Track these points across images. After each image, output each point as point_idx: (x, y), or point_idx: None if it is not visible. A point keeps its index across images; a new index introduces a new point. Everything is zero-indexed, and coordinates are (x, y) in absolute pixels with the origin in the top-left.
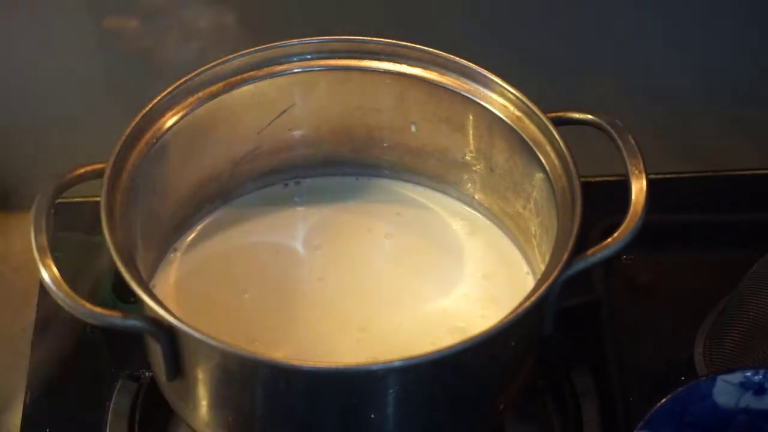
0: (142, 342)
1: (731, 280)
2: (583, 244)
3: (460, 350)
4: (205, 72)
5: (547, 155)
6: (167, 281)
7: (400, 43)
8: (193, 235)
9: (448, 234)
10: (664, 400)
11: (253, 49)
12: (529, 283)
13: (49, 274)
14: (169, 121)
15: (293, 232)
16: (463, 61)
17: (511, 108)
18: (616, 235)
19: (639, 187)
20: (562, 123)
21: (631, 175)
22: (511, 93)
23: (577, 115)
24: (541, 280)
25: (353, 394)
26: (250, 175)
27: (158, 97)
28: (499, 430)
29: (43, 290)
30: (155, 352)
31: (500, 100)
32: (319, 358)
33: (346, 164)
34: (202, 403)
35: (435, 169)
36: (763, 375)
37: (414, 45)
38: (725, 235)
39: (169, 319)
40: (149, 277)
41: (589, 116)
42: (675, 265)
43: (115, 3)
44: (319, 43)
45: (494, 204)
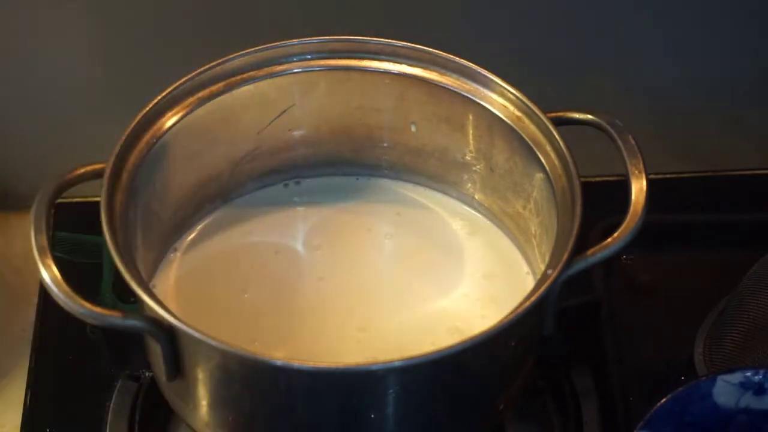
0: (142, 342)
1: (731, 280)
2: (583, 244)
3: (460, 350)
4: (205, 72)
5: (547, 155)
6: (167, 281)
7: (400, 43)
8: (193, 235)
9: (448, 234)
10: (664, 400)
11: (253, 49)
12: (529, 283)
13: (49, 274)
14: (169, 121)
15: (293, 232)
16: (463, 61)
17: (511, 108)
18: (616, 235)
19: (639, 187)
20: (562, 123)
21: (631, 175)
22: (511, 93)
23: (577, 115)
24: (541, 280)
25: (353, 394)
26: (250, 175)
27: (158, 97)
28: (499, 430)
29: (43, 290)
30: (155, 352)
31: (500, 100)
32: (319, 358)
33: (346, 164)
34: (202, 403)
35: (435, 169)
36: (763, 375)
37: (414, 45)
38: (725, 235)
39: (169, 319)
40: (149, 277)
41: (589, 116)
42: (675, 265)
43: (116, 3)
44: (319, 43)
45: (494, 204)
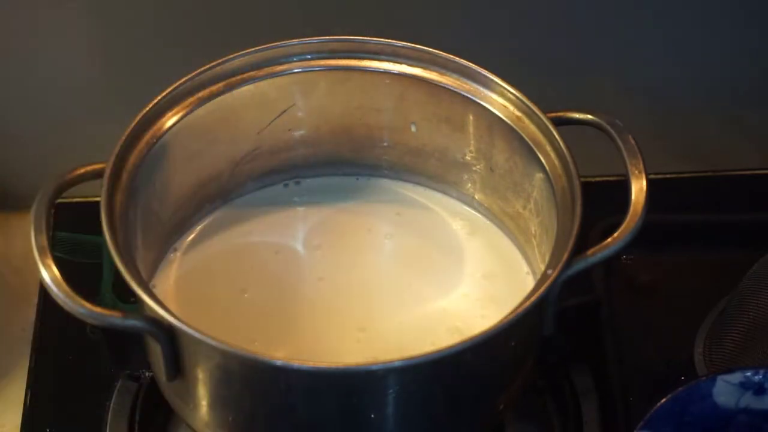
0: (142, 342)
1: (731, 280)
2: (583, 244)
3: (460, 350)
4: (205, 72)
5: (547, 155)
6: (167, 281)
7: (400, 43)
8: (193, 235)
9: (448, 234)
10: (664, 400)
11: (253, 49)
12: (529, 283)
13: (49, 274)
14: (169, 121)
15: (293, 232)
16: (463, 61)
17: (511, 108)
18: (616, 235)
19: (639, 187)
20: (562, 123)
21: (631, 175)
22: (511, 93)
23: (577, 115)
24: (541, 280)
25: (353, 394)
26: (250, 175)
27: (158, 97)
28: (499, 430)
29: (43, 290)
30: (155, 352)
31: (500, 100)
32: (319, 358)
33: (346, 164)
34: (202, 403)
35: (435, 169)
36: (763, 375)
37: (414, 45)
38: (725, 235)
39: (169, 319)
40: (149, 277)
41: (589, 116)
42: (675, 265)
43: (116, 3)
44: (319, 43)
45: (494, 204)
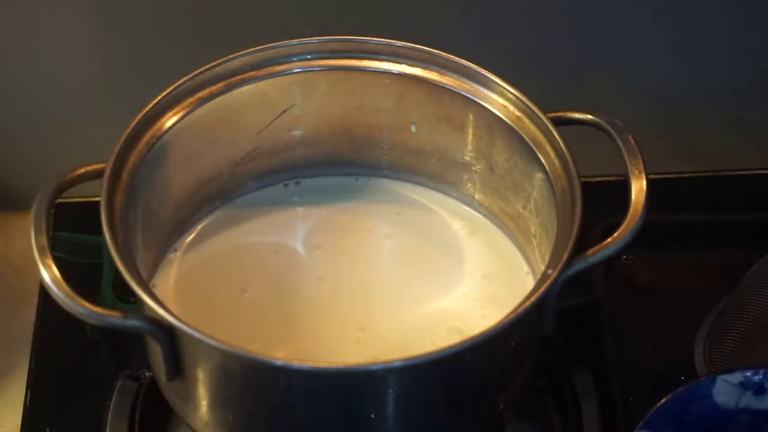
0: (142, 342)
1: (731, 280)
2: (583, 244)
3: (460, 350)
4: (205, 72)
5: (547, 155)
6: (167, 281)
7: (400, 43)
8: (193, 235)
9: (448, 234)
10: (664, 400)
11: (253, 49)
12: (529, 283)
13: (49, 274)
14: (169, 121)
15: (293, 232)
16: (463, 61)
17: (511, 108)
18: (616, 235)
19: (639, 187)
20: (562, 123)
21: (631, 175)
22: (511, 93)
23: (577, 115)
24: (541, 280)
25: (353, 394)
26: (250, 175)
27: (158, 97)
28: (499, 430)
29: (43, 290)
30: (155, 352)
31: (500, 100)
32: (319, 358)
33: (346, 164)
34: (202, 403)
35: (435, 169)
36: (763, 375)
37: (414, 45)
38: (725, 235)
39: (169, 319)
40: (149, 277)
41: (589, 116)
42: (675, 265)
43: (116, 3)
44: (319, 43)
45: (494, 204)
